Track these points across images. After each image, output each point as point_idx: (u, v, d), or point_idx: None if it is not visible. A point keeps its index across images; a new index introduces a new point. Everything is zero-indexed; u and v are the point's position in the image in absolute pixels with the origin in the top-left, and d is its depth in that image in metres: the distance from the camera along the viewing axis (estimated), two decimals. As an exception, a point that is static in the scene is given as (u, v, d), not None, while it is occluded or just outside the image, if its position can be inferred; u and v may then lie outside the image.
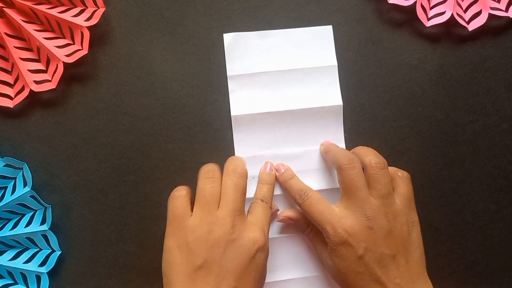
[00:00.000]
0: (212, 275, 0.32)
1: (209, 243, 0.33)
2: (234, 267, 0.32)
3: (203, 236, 0.33)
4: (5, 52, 0.42)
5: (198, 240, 0.33)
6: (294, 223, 0.41)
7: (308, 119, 0.43)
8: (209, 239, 0.33)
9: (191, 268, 0.33)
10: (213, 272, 0.32)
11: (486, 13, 0.43)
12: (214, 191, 0.35)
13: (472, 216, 0.44)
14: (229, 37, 0.43)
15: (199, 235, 0.33)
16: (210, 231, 0.33)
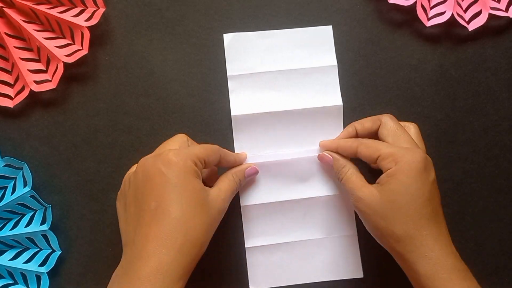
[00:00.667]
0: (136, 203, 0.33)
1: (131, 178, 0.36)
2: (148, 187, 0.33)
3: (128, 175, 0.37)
4: (5, 52, 0.42)
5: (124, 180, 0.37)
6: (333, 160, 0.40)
7: (308, 119, 0.43)
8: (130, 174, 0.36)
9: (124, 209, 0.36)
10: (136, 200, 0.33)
11: (486, 13, 0.43)
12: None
13: (472, 216, 0.43)
14: (229, 37, 0.43)
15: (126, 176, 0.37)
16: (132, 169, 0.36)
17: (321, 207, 0.42)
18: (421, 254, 0.34)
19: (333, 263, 0.42)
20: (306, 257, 0.42)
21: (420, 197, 0.34)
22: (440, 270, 0.33)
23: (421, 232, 0.34)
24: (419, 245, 0.34)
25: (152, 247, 0.31)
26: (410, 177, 0.34)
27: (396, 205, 0.35)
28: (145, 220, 0.32)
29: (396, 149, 0.36)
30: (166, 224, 0.31)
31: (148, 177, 0.33)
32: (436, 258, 0.34)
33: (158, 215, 0.31)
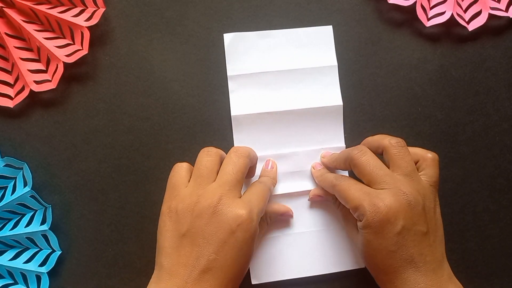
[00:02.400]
0: (195, 244, 0.33)
1: (194, 213, 0.33)
2: (214, 239, 0.33)
3: (190, 206, 0.34)
4: (5, 52, 0.42)
5: (185, 209, 0.34)
6: (325, 199, 0.41)
7: (308, 119, 0.43)
8: (195, 209, 0.33)
9: (177, 235, 0.34)
10: (196, 241, 0.33)
11: (486, 13, 0.43)
12: (209, 164, 0.36)
13: (472, 216, 0.43)
14: (229, 37, 0.43)
15: (187, 204, 0.34)
16: (197, 202, 0.34)
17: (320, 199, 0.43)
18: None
19: (334, 255, 0.42)
20: (307, 249, 0.42)
21: (383, 251, 0.34)
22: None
23: (391, 280, 0.34)
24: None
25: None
26: (371, 235, 0.34)
27: (366, 256, 0.35)
28: (200, 266, 0.32)
29: (359, 202, 0.34)
30: (220, 279, 0.32)
31: (218, 230, 0.33)
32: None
33: (215, 268, 0.32)
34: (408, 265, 0.34)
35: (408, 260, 0.34)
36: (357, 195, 0.35)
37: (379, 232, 0.34)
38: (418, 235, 0.34)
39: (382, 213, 0.33)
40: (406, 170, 0.35)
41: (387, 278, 0.34)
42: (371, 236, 0.34)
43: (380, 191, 0.35)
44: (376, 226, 0.34)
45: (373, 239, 0.34)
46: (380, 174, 0.35)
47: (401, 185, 0.35)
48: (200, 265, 0.32)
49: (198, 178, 0.35)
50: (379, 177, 0.35)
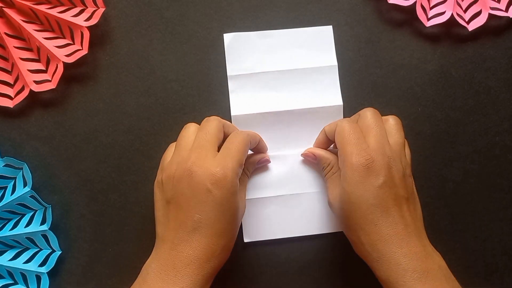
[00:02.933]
0: (179, 208, 0.34)
1: (175, 180, 0.35)
2: (193, 200, 0.34)
3: (171, 173, 0.35)
4: (5, 52, 0.42)
5: (167, 178, 0.36)
6: (316, 160, 0.41)
7: (308, 119, 0.43)
8: (175, 176, 0.35)
9: (164, 203, 0.36)
10: (179, 205, 0.34)
11: (486, 13, 0.43)
12: (186, 134, 0.37)
13: (472, 216, 0.43)
14: (229, 37, 0.43)
15: (168, 173, 0.36)
16: (176, 169, 0.35)
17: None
18: (374, 259, 0.34)
19: (328, 216, 0.42)
20: (300, 210, 0.42)
21: (363, 204, 0.34)
22: (393, 273, 0.33)
23: (370, 237, 0.34)
24: (370, 250, 0.34)
25: (194, 254, 0.33)
26: (352, 185, 0.34)
27: (345, 214, 0.35)
28: (187, 227, 0.34)
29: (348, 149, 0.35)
30: (208, 236, 0.34)
31: (194, 191, 0.34)
32: (388, 262, 0.33)
33: (201, 227, 0.34)
34: (389, 224, 0.34)
35: (388, 218, 0.34)
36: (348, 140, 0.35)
37: (361, 182, 0.34)
38: (398, 196, 0.34)
39: (366, 162, 0.34)
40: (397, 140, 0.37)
41: (369, 239, 0.34)
42: (352, 187, 0.34)
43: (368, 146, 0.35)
44: (359, 174, 0.34)
45: (354, 191, 0.34)
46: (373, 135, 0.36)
47: (387, 150, 0.35)
48: (187, 226, 0.34)
49: (177, 148, 0.37)
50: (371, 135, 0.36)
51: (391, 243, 0.33)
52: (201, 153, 0.35)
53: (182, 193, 0.34)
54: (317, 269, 0.42)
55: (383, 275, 0.33)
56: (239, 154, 0.36)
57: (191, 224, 0.34)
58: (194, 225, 0.34)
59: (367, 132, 0.36)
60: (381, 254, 0.33)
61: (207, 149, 0.35)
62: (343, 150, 0.35)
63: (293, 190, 0.42)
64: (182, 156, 0.36)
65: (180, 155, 0.36)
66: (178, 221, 0.34)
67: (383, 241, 0.33)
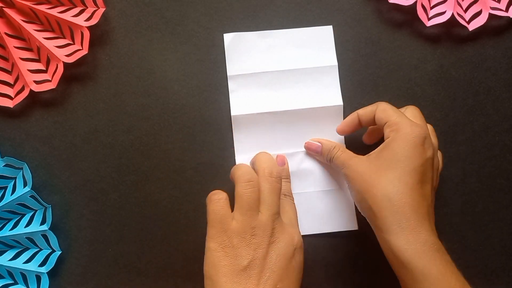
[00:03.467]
0: (257, 275, 0.33)
1: (252, 246, 0.34)
2: (276, 267, 0.34)
3: (246, 239, 0.34)
4: (5, 52, 0.42)
5: (242, 243, 0.34)
6: (322, 146, 0.41)
7: (308, 119, 0.43)
8: (252, 242, 0.34)
9: (237, 269, 0.33)
10: (258, 272, 0.33)
11: (486, 13, 0.43)
12: (254, 195, 0.35)
13: (472, 216, 0.43)
14: (230, 37, 0.43)
15: (243, 238, 0.34)
16: (253, 234, 0.34)
17: (314, 161, 0.43)
18: (397, 222, 0.33)
19: (327, 216, 0.42)
20: (301, 210, 0.42)
21: (407, 166, 0.34)
22: (414, 241, 0.33)
23: (400, 198, 0.34)
24: (396, 211, 0.33)
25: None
26: (402, 147, 0.35)
27: (381, 170, 0.35)
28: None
29: (403, 119, 0.36)
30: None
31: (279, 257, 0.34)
32: (411, 229, 0.33)
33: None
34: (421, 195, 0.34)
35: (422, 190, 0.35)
36: (400, 114, 0.37)
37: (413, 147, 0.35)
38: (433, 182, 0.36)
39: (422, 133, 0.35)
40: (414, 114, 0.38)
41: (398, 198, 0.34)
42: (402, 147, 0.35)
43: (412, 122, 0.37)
44: (413, 140, 0.35)
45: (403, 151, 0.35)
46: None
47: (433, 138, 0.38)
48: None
49: (248, 211, 0.35)
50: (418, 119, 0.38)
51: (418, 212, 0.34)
52: (278, 218, 0.36)
53: (264, 260, 0.34)
54: (317, 269, 0.42)
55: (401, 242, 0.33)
56: (296, 216, 0.39)
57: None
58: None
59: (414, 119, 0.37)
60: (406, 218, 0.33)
61: (279, 214, 0.36)
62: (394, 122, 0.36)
63: (294, 190, 0.42)
64: (258, 220, 0.35)
65: (254, 219, 0.35)
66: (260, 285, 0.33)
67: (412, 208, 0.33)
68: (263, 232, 0.34)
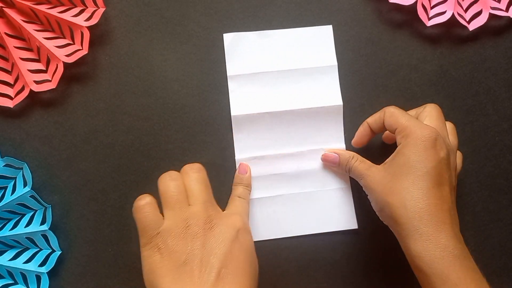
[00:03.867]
0: (198, 266, 0.32)
1: (188, 238, 0.32)
2: (219, 252, 0.32)
3: (180, 232, 0.33)
4: (5, 52, 0.42)
5: (177, 238, 0.32)
6: (339, 157, 0.41)
7: (308, 119, 0.43)
8: (187, 233, 0.33)
9: (175, 266, 0.32)
10: (197, 263, 0.32)
11: (486, 13, 0.43)
12: (179, 189, 0.35)
13: (472, 216, 0.44)
14: (230, 37, 0.43)
15: (177, 233, 0.33)
16: (187, 226, 0.33)
17: (315, 161, 0.43)
18: (414, 228, 0.33)
19: (327, 215, 0.42)
20: (301, 209, 0.42)
21: (419, 170, 0.34)
22: (432, 247, 0.32)
23: (415, 203, 0.33)
24: (411, 217, 0.33)
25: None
26: (413, 151, 0.35)
27: (395, 177, 0.35)
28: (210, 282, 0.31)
29: (411, 123, 0.36)
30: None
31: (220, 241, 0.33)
32: (429, 234, 0.32)
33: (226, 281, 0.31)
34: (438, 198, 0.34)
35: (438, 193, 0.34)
36: (408, 118, 0.36)
37: (424, 150, 0.34)
38: (451, 182, 0.35)
39: (432, 134, 0.35)
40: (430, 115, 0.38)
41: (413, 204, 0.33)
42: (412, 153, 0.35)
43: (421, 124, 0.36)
44: (423, 143, 0.34)
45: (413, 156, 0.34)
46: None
47: (446, 137, 0.37)
48: (211, 283, 0.31)
49: (175, 204, 0.34)
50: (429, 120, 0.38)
51: (435, 216, 0.33)
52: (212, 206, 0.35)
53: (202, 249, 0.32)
54: (317, 269, 0.42)
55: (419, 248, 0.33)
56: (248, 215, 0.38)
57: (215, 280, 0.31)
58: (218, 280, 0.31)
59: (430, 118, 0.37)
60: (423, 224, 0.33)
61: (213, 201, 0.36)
62: (403, 127, 0.36)
63: (293, 190, 0.42)
64: (190, 211, 0.34)
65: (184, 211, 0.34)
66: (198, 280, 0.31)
67: (428, 212, 0.33)
68: (197, 221, 0.33)
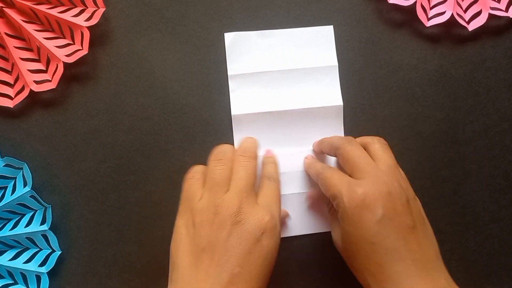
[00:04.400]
0: (215, 258, 0.31)
1: (214, 226, 0.31)
2: (238, 251, 0.31)
3: (209, 217, 0.32)
4: (5, 52, 0.42)
5: (203, 222, 0.32)
6: (319, 198, 0.41)
7: (308, 119, 0.43)
8: (214, 221, 0.31)
9: (195, 250, 0.31)
10: (217, 255, 0.31)
11: (486, 13, 0.43)
12: (223, 173, 0.34)
13: (472, 216, 0.44)
14: (230, 36, 0.43)
15: (205, 216, 0.32)
16: (216, 213, 0.32)
17: None
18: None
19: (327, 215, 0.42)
20: (301, 209, 0.42)
21: (364, 243, 0.32)
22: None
23: (376, 278, 0.32)
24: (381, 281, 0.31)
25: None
26: (350, 226, 0.32)
27: (348, 253, 0.34)
28: (222, 280, 0.30)
29: (338, 188, 0.33)
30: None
31: (242, 241, 0.31)
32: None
33: (238, 282, 0.30)
34: (395, 262, 0.31)
35: (394, 255, 0.31)
36: (337, 183, 0.34)
37: (358, 221, 0.32)
38: (402, 227, 0.32)
39: (359, 199, 0.32)
40: (388, 162, 0.35)
41: (375, 280, 0.32)
42: (350, 228, 0.32)
43: (361, 180, 0.33)
44: (353, 213, 0.32)
45: (352, 231, 0.32)
46: (362, 163, 0.34)
47: (382, 175, 0.33)
48: (223, 280, 0.30)
49: (213, 187, 0.33)
50: (361, 166, 0.34)
51: (398, 282, 0.31)
52: (247, 197, 0.33)
53: (224, 241, 0.31)
54: (317, 269, 0.42)
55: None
56: (280, 201, 0.35)
57: (228, 278, 0.30)
58: (231, 279, 0.30)
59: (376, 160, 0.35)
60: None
61: (251, 192, 0.33)
62: (332, 197, 0.34)
63: (293, 190, 0.42)
64: (223, 199, 0.32)
65: (219, 197, 0.33)
66: (213, 273, 0.30)
67: (391, 281, 0.31)
68: (227, 210, 0.32)
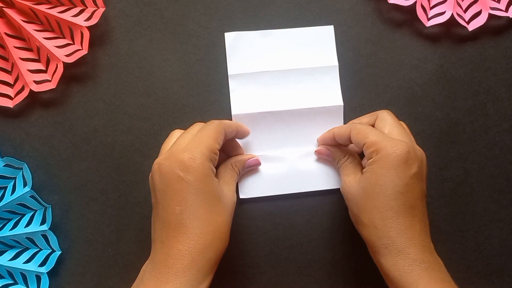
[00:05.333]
0: (161, 206, 0.34)
1: (152, 181, 0.35)
2: (169, 193, 0.33)
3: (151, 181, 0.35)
4: (5, 52, 0.42)
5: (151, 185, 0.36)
6: (332, 153, 0.41)
7: (308, 119, 0.43)
8: (151, 177, 0.35)
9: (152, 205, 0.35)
10: (158, 205, 0.34)
11: (486, 13, 0.43)
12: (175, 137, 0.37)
13: (472, 216, 0.44)
14: (231, 36, 0.43)
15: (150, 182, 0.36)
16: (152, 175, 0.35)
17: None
18: (383, 245, 0.34)
19: (319, 174, 0.42)
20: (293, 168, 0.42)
21: (391, 189, 0.34)
22: (401, 262, 0.33)
23: (385, 223, 0.34)
24: (381, 236, 0.34)
25: (184, 248, 0.32)
26: (384, 168, 0.34)
27: (366, 195, 0.35)
28: (171, 223, 0.33)
29: (381, 139, 0.35)
30: (194, 227, 0.33)
31: (167, 183, 0.33)
32: (398, 251, 0.33)
33: (184, 219, 0.33)
34: (409, 215, 0.34)
35: (410, 210, 0.34)
36: (377, 134, 0.36)
37: (394, 168, 0.34)
38: (423, 192, 0.35)
39: (404, 150, 0.34)
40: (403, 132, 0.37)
41: (383, 224, 0.34)
42: (383, 171, 0.34)
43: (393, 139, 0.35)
44: (394, 160, 0.34)
45: (385, 174, 0.34)
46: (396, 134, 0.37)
47: (414, 144, 0.36)
48: (171, 222, 0.33)
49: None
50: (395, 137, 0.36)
51: (404, 233, 0.33)
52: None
53: (158, 189, 0.34)
54: (317, 269, 0.42)
55: (389, 263, 0.33)
56: (209, 139, 0.35)
57: (175, 219, 0.33)
58: (177, 219, 0.33)
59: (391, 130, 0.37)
60: (392, 241, 0.33)
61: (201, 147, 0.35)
62: (372, 143, 0.35)
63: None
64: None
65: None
66: (162, 219, 0.34)
67: (398, 230, 0.33)
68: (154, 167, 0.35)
